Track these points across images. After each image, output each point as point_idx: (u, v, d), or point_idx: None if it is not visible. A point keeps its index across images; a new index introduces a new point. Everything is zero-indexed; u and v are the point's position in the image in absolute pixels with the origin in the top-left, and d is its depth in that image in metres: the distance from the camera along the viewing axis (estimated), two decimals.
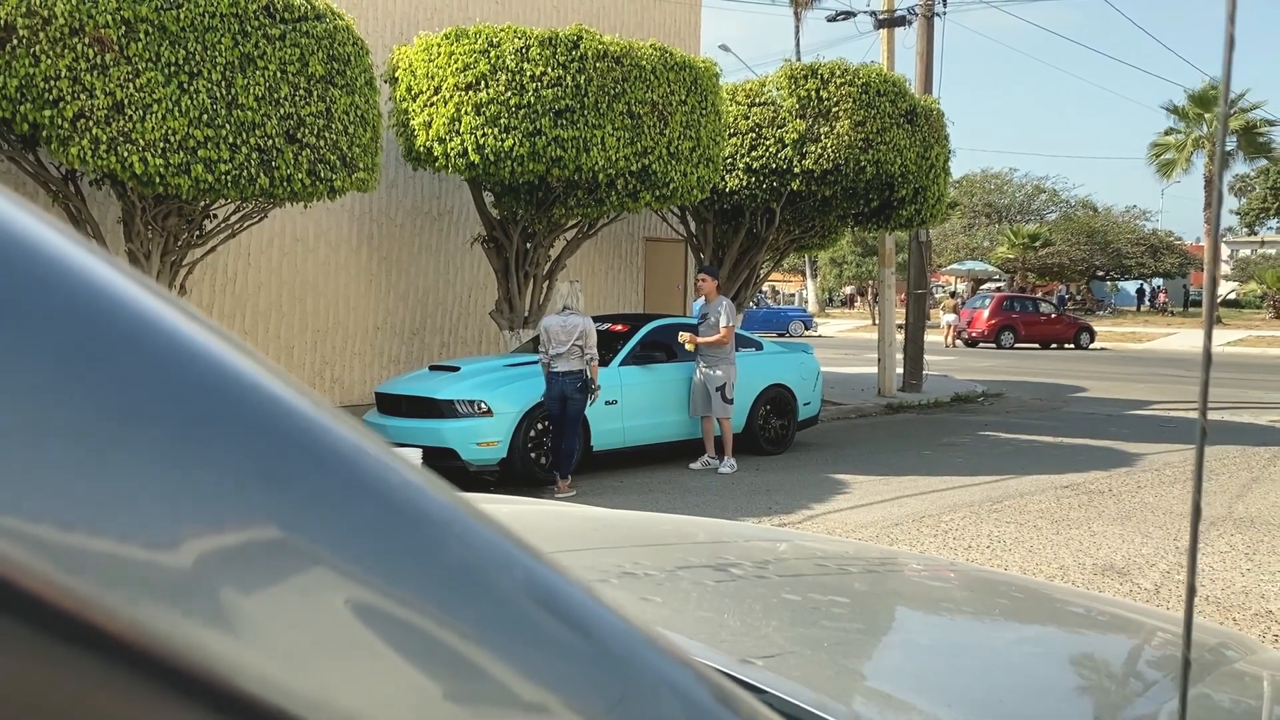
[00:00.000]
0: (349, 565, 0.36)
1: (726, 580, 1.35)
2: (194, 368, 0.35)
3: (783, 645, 1.09)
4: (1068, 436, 11.55)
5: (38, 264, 0.35)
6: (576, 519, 1.95)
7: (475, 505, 0.43)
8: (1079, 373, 20.80)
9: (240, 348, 0.39)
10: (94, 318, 0.34)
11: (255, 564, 0.34)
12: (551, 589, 0.42)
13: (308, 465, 0.36)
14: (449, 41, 9.32)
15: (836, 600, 1.34)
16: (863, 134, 11.37)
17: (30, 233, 0.36)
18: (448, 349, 13.08)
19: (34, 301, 0.33)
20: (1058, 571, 6.00)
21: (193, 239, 8.87)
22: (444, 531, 0.39)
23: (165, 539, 0.32)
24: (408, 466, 0.41)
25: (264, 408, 0.37)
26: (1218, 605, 5.38)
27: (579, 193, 9.86)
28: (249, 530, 0.34)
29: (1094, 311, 44.90)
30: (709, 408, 9.30)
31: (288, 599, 0.34)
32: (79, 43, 7.07)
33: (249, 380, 0.37)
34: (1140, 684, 1.18)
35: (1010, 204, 50.60)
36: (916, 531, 6.99)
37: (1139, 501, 7.99)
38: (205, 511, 0.33)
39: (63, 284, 0.35)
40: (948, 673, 1.11)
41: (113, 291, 0.36)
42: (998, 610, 1.43)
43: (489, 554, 0.41)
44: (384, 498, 0.38)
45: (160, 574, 0.32)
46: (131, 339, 0.35)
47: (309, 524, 0.35)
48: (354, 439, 0.39)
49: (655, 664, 0.44)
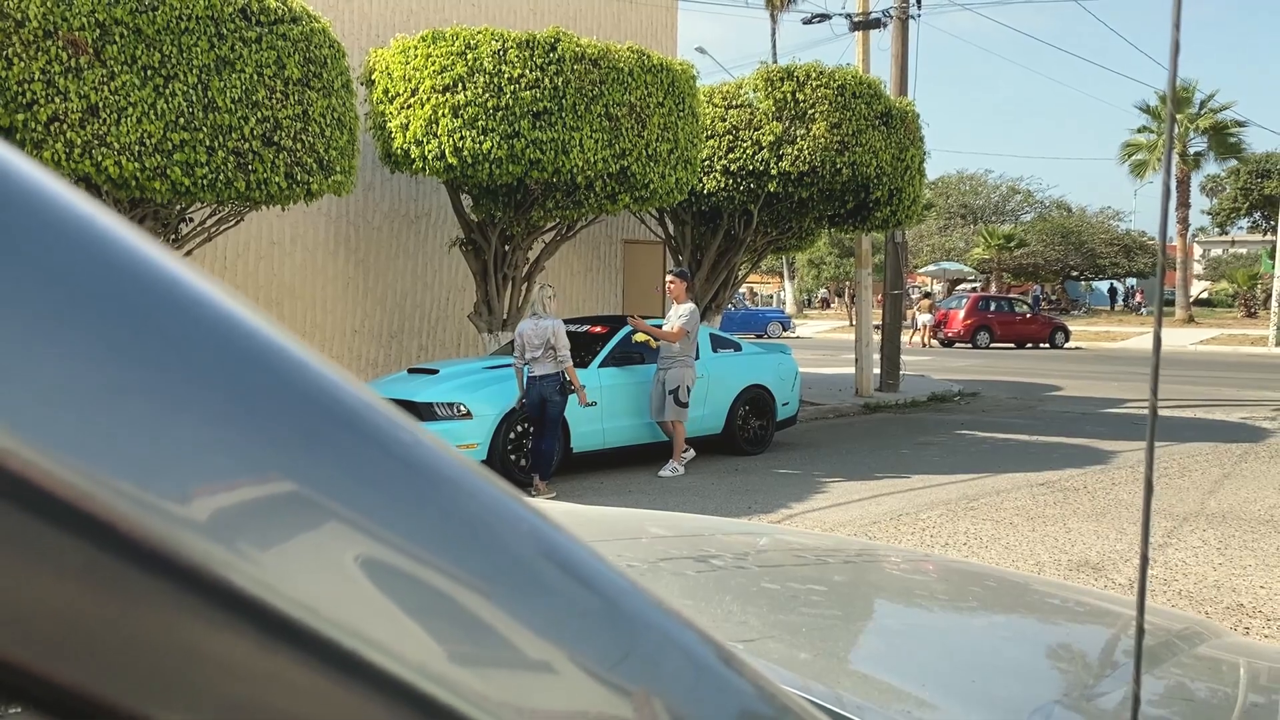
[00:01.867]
0: (362, 519, 0.37)
1: (707, 571, 1.38)
2: (201, 321, 0.37)
3: (762, 630, 1.12)
4: (1043, 435, 11.66)
5: (91, 239, 0.37)
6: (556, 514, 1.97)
7: (480, 465, 0.44)
8: (1054, 372, 20.99)
9: (246, 304, 0.40)
10: (149, 294, 0.36)
11: (267, 519, 0.35)
12: (559, 546, 0.43)
13: (321, 420, 0.37)
14: (426, 44, 9.31)
15: (815, 589, 1.37)
16: (839, 136, 11.45)
17: (80, 209, 0.38)
18: (426, 352, 13.05)
19: (99, 278, 0.35)
20: (1034, 568, 6.07)
21: (169, 243, 8.81)
22: (455, 487, 0.40)
23: (176, 492, 0.33)
24: (416, 427, 0.41)
25: (275, 360, 0.38)
26: (1190, 599, 5.46)
27: (557, 195, 9.87)
28: (262, 485, 0.35)
29: (1069, 311, 45.29)
30: (662, 411, 9.28)
31: (299, 555, 0.35)
32: (53, 45, 7.03)
33: (259, 337, 0.39)
34: (1108, 665, 1.22)
35: (985, 205, 50.97)
36: (894, 529, 7.05)
37: (1113, 498, 8.08)
38: (213, 465, 0.34)
39: (118, 263, 0.37)
40: (922, 655, 1.14)
41: (158, 270, 0.38)
42: (972, 598, 1.46)
43: (499, 510, 0.41)
44: (396, 453, 0.39)
45: (172, 527, 0.33)
46: (176, 310, 0.37)
47: (323, 479, 0.36)
48: (364, 397, 0.40)
49: (661, 622, 0.45)
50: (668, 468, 9.13)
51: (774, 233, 13.23)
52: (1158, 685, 1.11)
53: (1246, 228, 48.98)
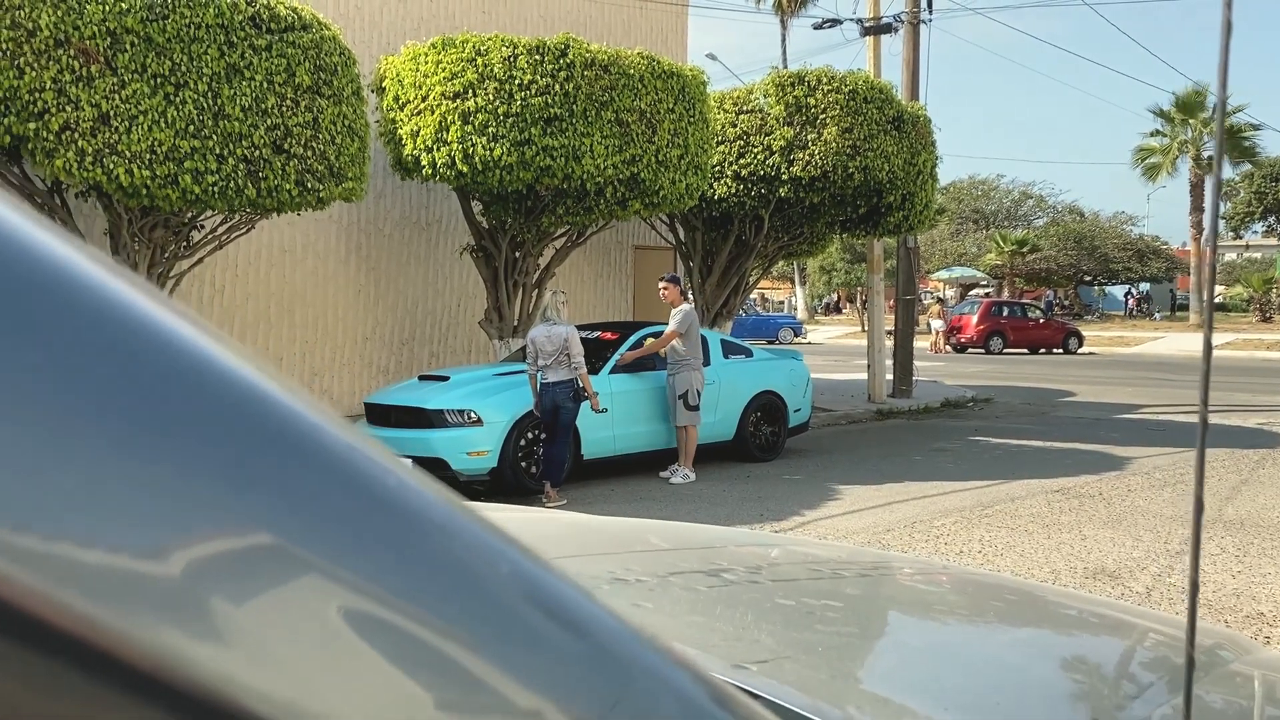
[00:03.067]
0: (343, 571, 0.35)
1: (719, 585, 1.34)
2: (174, 364, 0.34)
3: (776, 650, 1.08)
4: (1057, 441, 11.57)
5: (21, 262, 0.34)
6: (565, 525, 1.94)
7: (470, 505, 0.42)
8: (1068, 377, 20.87)
9: (226, 343, 0.38)
10: (76, 318, 0.33)
11: (245, 572, 0.33)
12: (546, 589, 0.41)
13: (300, 469, 0.36)
14: (436, 51, 9.31)
15: (830, 604, 1.33)
16: (850, 141, 11.40)
17: (16, 232, 0.35)
18: (437, 359, 13.04)
19: (17, 301, 0.32)
20: (1049, 576, 6.00)
21: (180, 251, 8.83)
22: (439, 533, 0.39)
23: (152, 547, 0.31)
24: (402, 468, 0.40)
25: (253, 409, 0.36)
26: (1210, 607, 5.39)
27: (568, 201, 9.86)
28: (239, 537, 0.33)
29: (1082, 316, 45.08)
30: (680, 415, 9.26)
31: (279, 609, 0.33)
32: (64, 54, 7.04)
33: (237, 379, 0.36)
34: (1136, 686, 1.18)
35: (998, 210, 50.79)
36: (908, 537, 6.99)
37: (1130, 505, 8.00)
38: (192, 518, 0.32)
39: (41, 280, 0.34)
40: (943, 675, 1.10)
41: (90, 287, 0.34)
42: (991, 612, 1.42)
43: (484, 554, 0.40)
44: (378, 500, 0.37)
45: (148, 584, 0.31)
46: (111, 336, 0.33)
47: (301, 530, 0.34)
48: (347, 440, 0.38)
49: (652, 664, 0.43)
50: (679, 474, 9.08)
51: (785, 238, 13.18)
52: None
53: (1261, 231, 48.76)
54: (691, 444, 9.23)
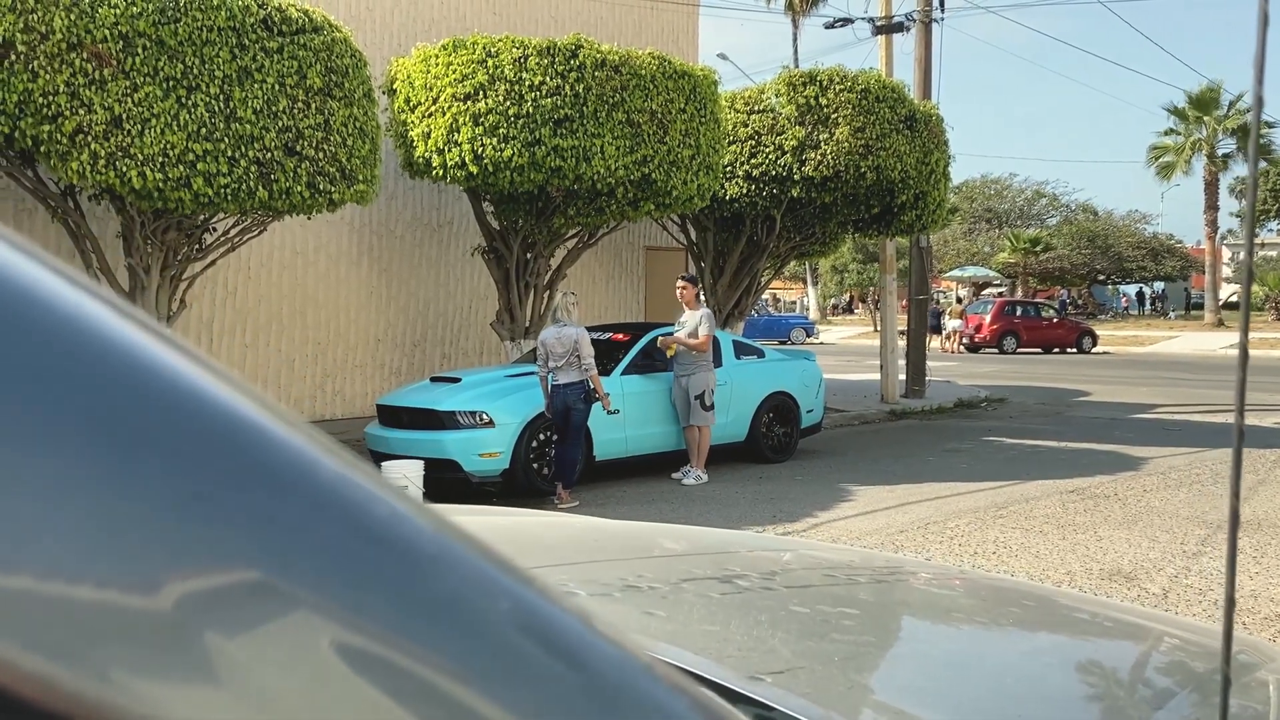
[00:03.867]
0: (333, 607, 0.34)
1: (732, 592, 1.32)
2: (149, 390, 0.33)
3: (791, 660, 1.06)
4: (1072, 441, 11.51)
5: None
6: (577, 530, 1.92)
7: (466, 532, 0.41)
8: (1082, 377, 20.76)
9: (208, 366, 0.36)
10: (51, 341, 0.32)
11: (234, 610, 0.32)
12: (542, 618, 0.40)
13: (288, 503, 0.34)
14: (446, 52, 9.31)
15: (846, 612, 1.30)
16: (862, 140, 11.36)
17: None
18: (449, 360, 13.05)
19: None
20: (1064, 577, 5.96)
21: (192, 253, 8.85)
22: (431, 564, 0.38)
23: (139, 586, 0.30)
24: (395, 495, 0.39)
25: (238, 438, 0.35)
26: None
27: (579, 202, 9.84)
28: (225, 574, 0.32)
29: (1096, 315, 44.87)
30: (691, 416, 9.22)
31: (268, 646, 0.32)
32: (77, 58, 7.06)
33: (219, 407, 0.35)
34: (1160, 696, 1.15)
35: (1010, 209, 50.58)
36: (922, 538, 6.95)
37: (1145, 506, 7.95)
38: (179, 556, 0.31)
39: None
40: (962, 686, 1.08)
41: (59, 305, 0.33)
42: (1009, 620, 1.39)
43: (478, 585, 0.39)
44: (369, 532, 0.36)
45: (134, 623, 0.30)
46: (83, 357, 0.32)
47: (291, 566, 0.33)
48: (337, 469, 0.37)
49: (650, 694, 0.41)
50: (691, 475, 9.06)
51: (797, 238, 13.14)
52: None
53: (1276, 230, 48.41)
54: (705, 444, 9.21)
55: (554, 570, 1.37)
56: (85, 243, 8.53)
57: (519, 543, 1.63)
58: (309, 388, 11.98)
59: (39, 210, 9.15)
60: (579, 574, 1.37)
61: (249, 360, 11.44)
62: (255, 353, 11.51)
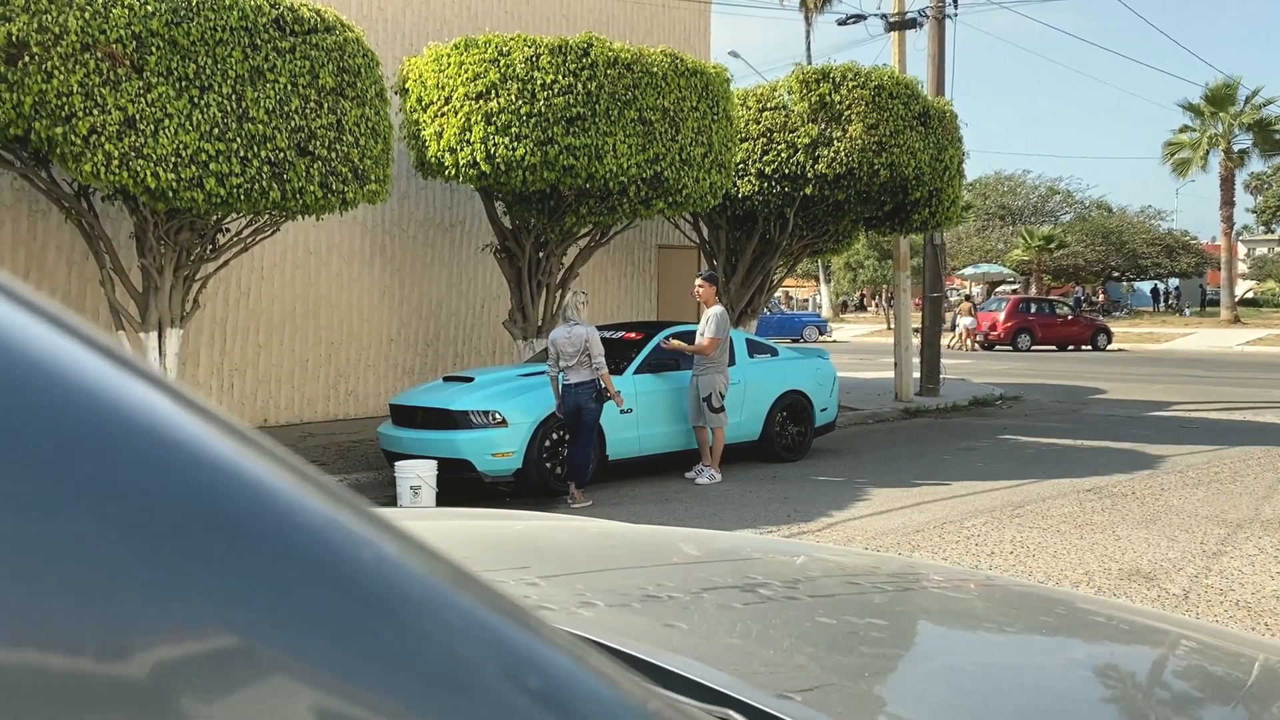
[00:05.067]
0: (313, 671, 0.31)
1: (755, 602, 1.28)
2: (117, 436, 0.30)
3: (821, 676, 1.03)
4: (1088, 439, 11.42)
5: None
6: (593, 535, 1.89)
7: (455, 566, 0.39)
8: (1097, 374, 20.63)
9: (168, 391, 0.33)
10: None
11: (210, 676, 0.29)
12: (531, 662, 0.38)
13: (268, 558, 0.32)
14: (459, 52, 9.30)
15: (873, 623, 1.27)
16: (876, 137, 11.29)
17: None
18: (461, 359, 13.05)
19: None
20: (1083, 577, 5.91)
21: (205, 253, 8.85)
22: (417, 614, 0.35)
23: (113, 652, 0.28)
24: (381, 534, 0.36)
25: (217, 487, 0.32)
26: (1249, 610, 5.28)
27: (591, 201, 9.81)
28: (202, 639, 0.30)
29: (1110, 313, 44.63)
30: (701, 417, 9.20)
31: (246, 714, 0.29)
32: (91, 58, 7.07)
33: (197, 452, 0.32)
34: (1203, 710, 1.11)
35: (1024, 206, 50.36)
36: (939, 538, 6.90)
37: (1163, 504, 7.87)
38: (152, 621, 0.29)
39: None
40: (1001, 701, 1.04)
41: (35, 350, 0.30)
42: (1043, 628, 1.36)
43: (465, 633, 0.37)
44: (353, 584, 0.34)
45: (108, 693, 0.27)
46: (54, 419, 0.29)
47: (271, 627, 0.31)
48: (325, 514, 0.34)
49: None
50: (705, 475, 9.02)
51: (810, 236, 13.09)
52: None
53: None
54: (718, 444, 9.18)
55: (571, 579, 1.33)
56: (99, 243, 8.55)
57: (535, 549, 1.60)
58: (322, 387, 11.98)
59: (53, 211, 9.17)
60: (596, 583, 1.33)
61: (262, 360, 11.45)
62: (268, 353, 11.53)
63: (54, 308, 0.34)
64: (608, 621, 1.09)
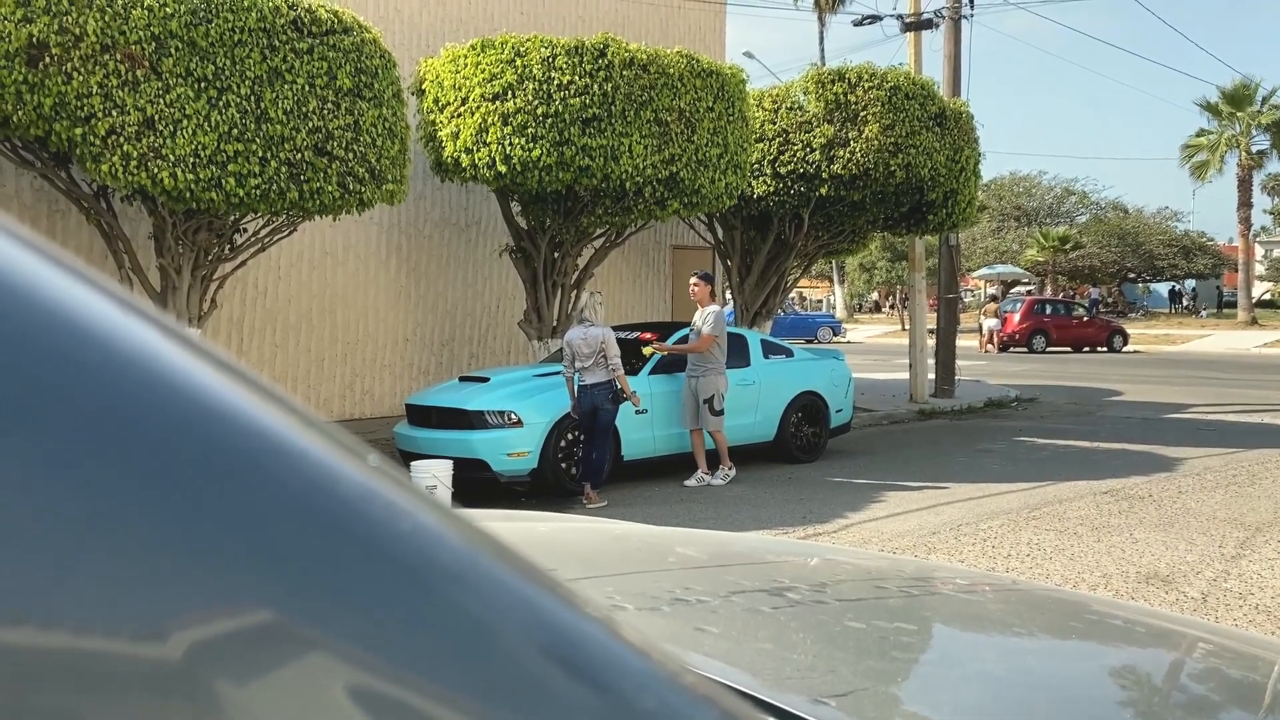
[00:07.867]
0: (348, 647, 0.32)
1: (784, 606, 1.28)
2: (143, 402, 0.30)
3: (854, 681, 1.03)
4: (1105, 441, 11.37)
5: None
6: (617, 538, 1.89)
7: (491, 537, 0.39)
8: (1113, 376, 20.53)
9: (206, 356, 0.33)
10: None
11: (245, 656, 0.29)
12: (564, 634, 0.38)
13: (306, 529, 0.32)
14: (475, 52, 9.32)
15: (903, 628, 1.27)
16: (892, 137, 11.27)
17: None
18: (477, 359, 13.07)
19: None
20: (1100, 580, 5.88)
21: (223, 253, 8.90)
22: (452, 586, 0.35)
23: (146, 634, 0.28)
24: (419, 505, 0.36)
25: (252, 455, 0.32)
26: (1269, 614, 5.25)
27: (606, 201, 9.82)
28: (237, 617, 0.30)
29: (1126, 314, 44.40)
30: (698, 420, 9.07)
31: (281, 694, 0.30)
32: (110, 60, 7.11)
33: (226, 416, 0.32)
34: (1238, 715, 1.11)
35: (1039, 207, 50.13)
36: (955, 540, 6.88)
37: (1181, 507, 7.83)
38: (186, 599, 0.29)
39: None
40: (1031, 707, 1.04)
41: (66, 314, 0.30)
42: (1069, 634, 1.35)
43: (499, 604, 0.37)
44: (389, 556, 0.34)
45: (140, 671, 0.28)
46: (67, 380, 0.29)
47: (306, 602, 0.31)
48: (360, 481, 0.34)
49: (677, 709, 0.39)
50: (719, 475, 8.98)
51: (825, 236, 13.07)
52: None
53: None
54: (722, 446, 9.09)
55: (599, 582, 1.34)
56: (117, 243, 8.60)
57: (561, 551, 1.61)
58: (338, 387, 12.02)
59: (72, 211, 9.22)
60: (624, 586, 1.34)
61: (279, 360, 11.50)
62: (285, 352, 11.57)
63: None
64: (638, 625, 1.10)
